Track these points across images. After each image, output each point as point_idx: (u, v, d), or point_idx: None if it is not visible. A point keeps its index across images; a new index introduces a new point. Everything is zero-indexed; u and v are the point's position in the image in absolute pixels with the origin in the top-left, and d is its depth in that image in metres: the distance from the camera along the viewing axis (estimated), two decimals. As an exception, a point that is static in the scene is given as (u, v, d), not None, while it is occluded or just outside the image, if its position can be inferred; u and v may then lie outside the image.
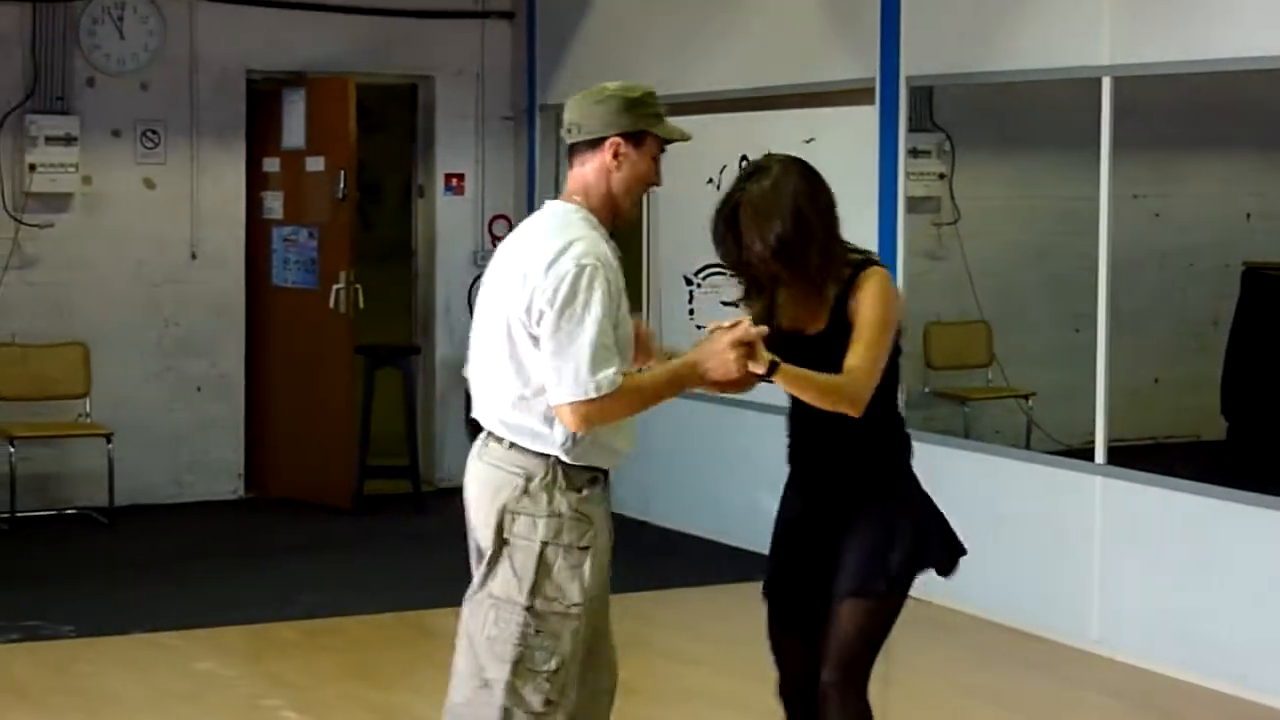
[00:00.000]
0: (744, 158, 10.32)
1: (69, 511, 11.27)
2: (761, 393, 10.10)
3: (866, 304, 4.89)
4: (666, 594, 9.41)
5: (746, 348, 4.66)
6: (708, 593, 9.34)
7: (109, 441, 11.03)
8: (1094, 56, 8.17)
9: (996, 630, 8.45)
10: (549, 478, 4.60)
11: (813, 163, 10.36)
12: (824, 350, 4.88)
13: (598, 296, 4.54)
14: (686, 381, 4.77)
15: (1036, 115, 10.57)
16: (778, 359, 4.71)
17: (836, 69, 9.66)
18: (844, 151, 9.65)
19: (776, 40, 10.18)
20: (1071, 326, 10.17)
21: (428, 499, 11.73)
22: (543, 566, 4.58)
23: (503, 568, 4.62)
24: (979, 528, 8.48)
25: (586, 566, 4.61)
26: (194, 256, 11.73)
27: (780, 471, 9.89)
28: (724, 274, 10.45)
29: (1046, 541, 8.30)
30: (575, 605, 4.60)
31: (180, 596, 9.27)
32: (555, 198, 13.72)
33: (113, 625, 8.59)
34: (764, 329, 4.72)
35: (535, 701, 4.60)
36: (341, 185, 11.48)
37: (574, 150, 4.80)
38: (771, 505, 10.06)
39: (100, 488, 11.08)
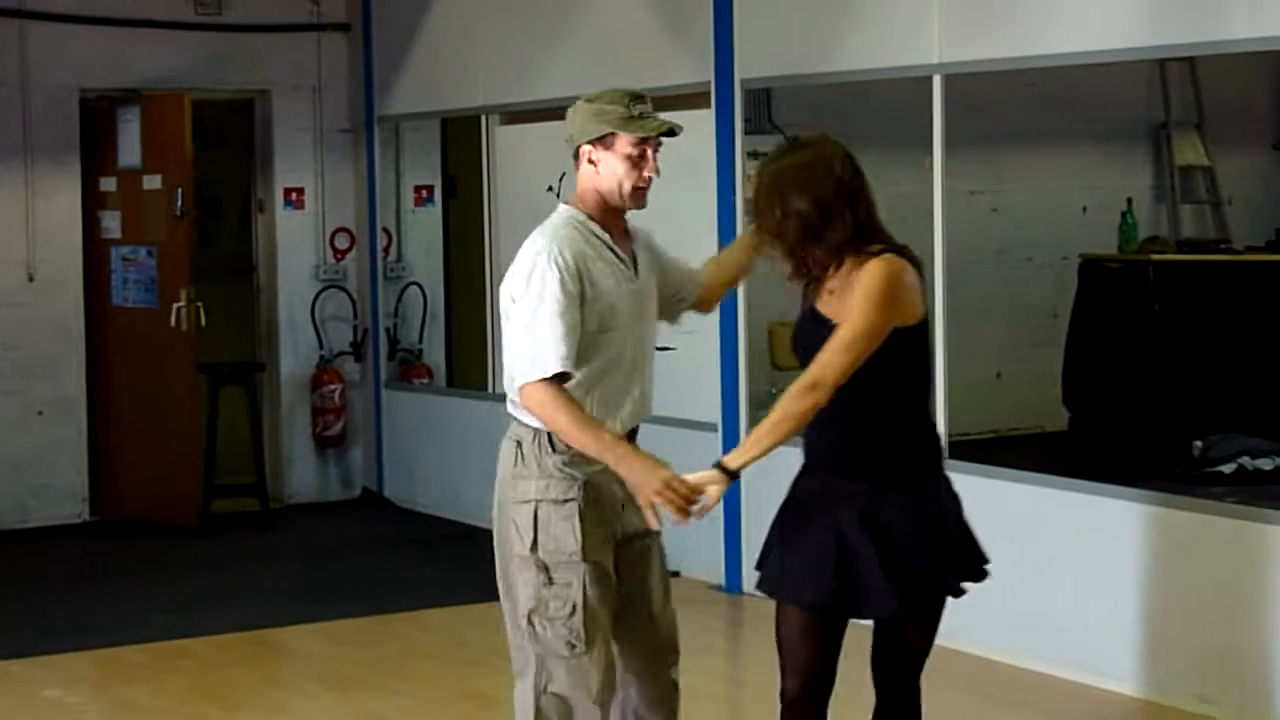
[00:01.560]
0: (583, 164, 10.34)
1: (-91, 541, 11.09)
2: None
3: (855, 291, 4.92)
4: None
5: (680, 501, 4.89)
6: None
7: (-52, 469, 10.87)
8: (924, 56, 8.25)
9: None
10: (535, 443, 5.03)
11: (652, 167, 10.39)
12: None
13: (549, 288, 4.94)
14: (612, 465, 4.97)
15: (874, 114, 10.66)
16: (726, 467, 4.92)
17: (672, 73, 9.69)
18: (683, 155, 9.61)
19: (612, 46, 10.19)
20: (914, 323, 10.26)
21: (275, 516, 11.64)
22: (539, 521, 5.02)
23: (511, 527, 5.07)
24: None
25: (576, 520, 5.01)
26: (31, 279, 11.57)
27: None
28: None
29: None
30: (574, 554, 5.00)
31: (25, 623, 9.11)
32: (397, 208, 13.70)
33: (-45, 655, 8.45)
34: (704, 504, 4.91)
35: (559, 645, 5.02)
36: (179, 203, 11.36)
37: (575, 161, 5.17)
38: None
39: (-59, 516, 10.92)
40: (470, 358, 12.16)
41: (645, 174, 5.10)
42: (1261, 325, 10.92)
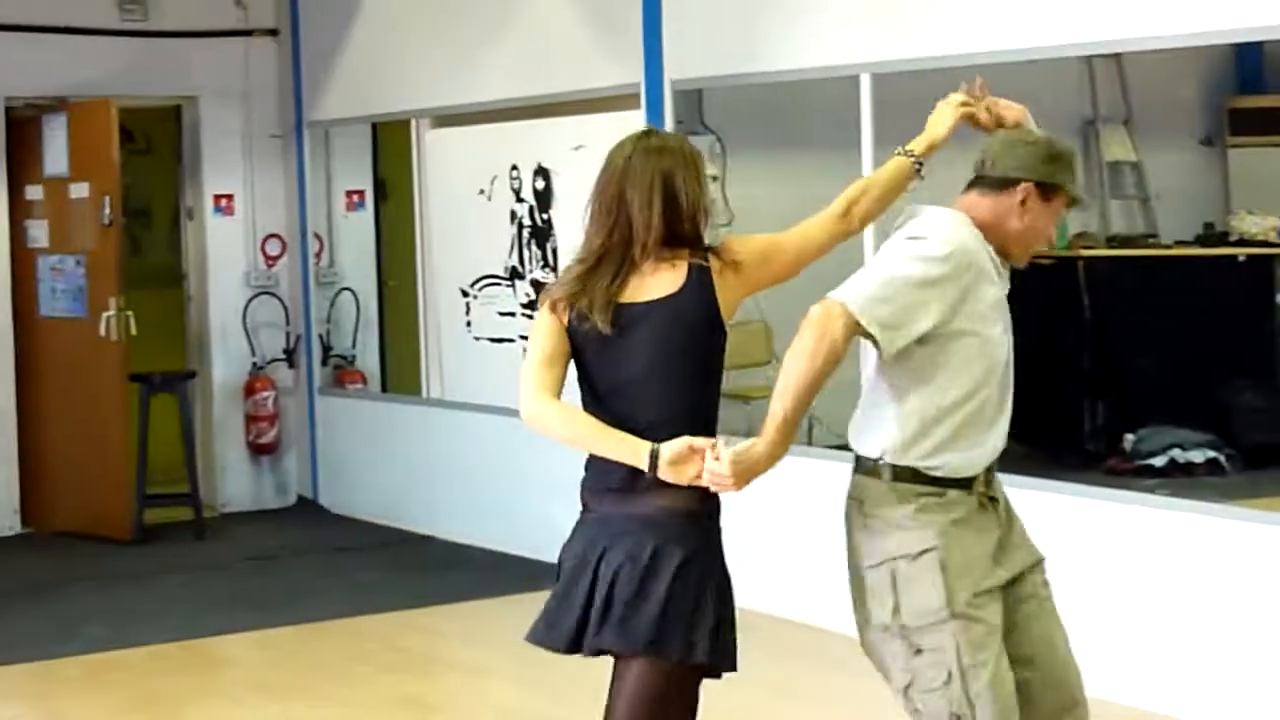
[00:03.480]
0: (514, 167, 10.35)
1: None
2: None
3: None
4: (458, 607, 9.38)
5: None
6: (499, 604, 9.31)
7: (-123, 482, 10.77)
8: (852, 55, 8.27)
9: (793, 628, 8.51)
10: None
11: (583, 169, 10.46)
12: None
13: None
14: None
15: (806, 114, 10.68)
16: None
17: (603, 76, 9.69)
18: (614, 157, 9.67)
19: (543, 49, 10.18)
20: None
21: (209, 525, 11.58)
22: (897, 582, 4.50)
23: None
24: (763, 527, 8.56)
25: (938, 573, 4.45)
26: (-43, 290, 11.50)
27: (565, 479, 9.91)
28: (499, 284, 10.53)
29: (830, 537, 8.35)
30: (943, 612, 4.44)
31: (-43, 637, 9.06)
32: (328, 214, 13.57)
33: (-113, 670, 8.37)
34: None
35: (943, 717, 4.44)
36: (107, 211, 11.29)
37: (977, 181, 4.68)
38: (562, 515, 10.09)
39: None
40: (404, 362, 12.13)
41: (1053, 238, 4.88)
42: (1190, 319, 11.00)
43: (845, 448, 5.39)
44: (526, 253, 10.33)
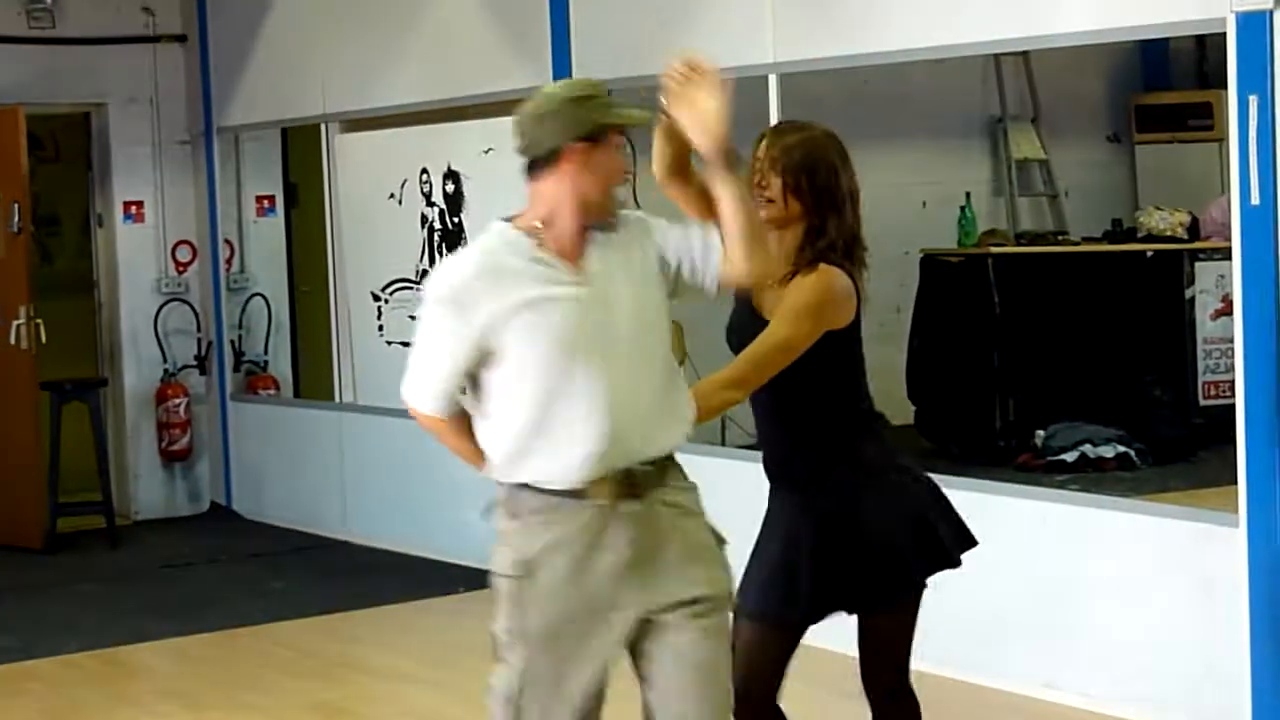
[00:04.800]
0: (424, 171, 10.34)
1: None
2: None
3: (788, 297, 4.85)
4: (373, 612, 9.36)
5: None
6: (414, 609, 9.30)
7: None
8: (759, 56, 8.30)
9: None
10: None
11: (494, 172, 10.49)
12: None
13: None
14: None
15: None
16: None
17: (511, 78, 9.68)
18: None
19: (452, 53, 10.18)
20: (760, 322, 10.31)
21: (123, 533, 11.52)
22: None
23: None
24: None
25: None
26: None
27: (477, 484, 9.90)
28: (411, 288, 10.50)
29: (747, 536, 8.37)
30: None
31: None
32: (239, 219, 13.47)
33: None
34: None
35: None
36: (16, 218, 11.21)
37: (529, 169, 4.39)
38: (474, 519, 10.07)
39: None
40: (317, 367, 12.09)
41: (626, 170, 4.52)
42: (1099, 315, 11.09)
43: (755, 448, 5.42)
44: (438, 256, 10.31)
